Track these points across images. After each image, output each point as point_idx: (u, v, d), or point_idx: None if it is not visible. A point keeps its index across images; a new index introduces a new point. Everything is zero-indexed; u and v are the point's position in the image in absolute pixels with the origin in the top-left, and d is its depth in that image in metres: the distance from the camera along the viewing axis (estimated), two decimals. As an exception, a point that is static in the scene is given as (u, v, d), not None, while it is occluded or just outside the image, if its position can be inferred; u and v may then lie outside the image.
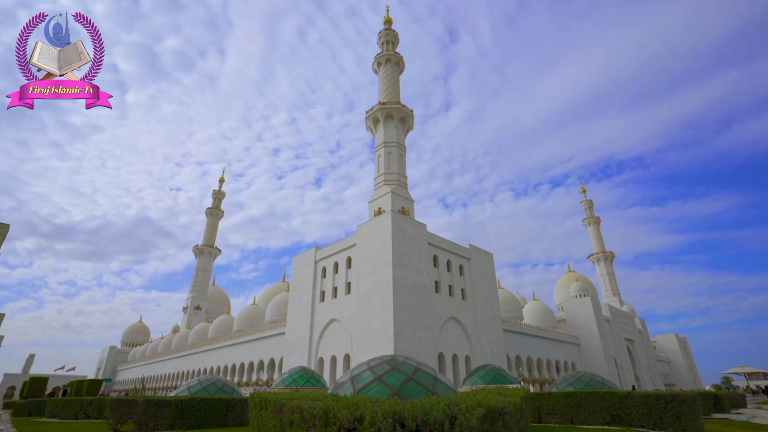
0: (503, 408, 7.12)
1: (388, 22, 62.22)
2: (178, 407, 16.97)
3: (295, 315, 46.11)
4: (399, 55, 58.92)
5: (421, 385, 10.12)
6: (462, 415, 6.23)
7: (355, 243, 40.97)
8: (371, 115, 53.64)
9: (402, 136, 53.12)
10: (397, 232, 37.15)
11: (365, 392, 9.89)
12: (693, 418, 15.00)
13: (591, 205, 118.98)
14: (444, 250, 43.16)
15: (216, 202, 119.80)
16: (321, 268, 45.40)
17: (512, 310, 63.88)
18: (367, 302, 36.40)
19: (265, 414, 8.88)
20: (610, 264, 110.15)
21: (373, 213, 46.47)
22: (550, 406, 18.92)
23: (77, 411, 27.60)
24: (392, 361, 11.29)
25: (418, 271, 37.90)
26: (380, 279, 35.89)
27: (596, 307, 68.49)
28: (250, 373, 55.49)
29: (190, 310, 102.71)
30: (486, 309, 45.55)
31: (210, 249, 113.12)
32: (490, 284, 48.08)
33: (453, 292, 42.33)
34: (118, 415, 17.12)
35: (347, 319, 38.75)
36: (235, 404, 18.58)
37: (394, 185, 47.93)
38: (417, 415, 6.08)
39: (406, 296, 35.40)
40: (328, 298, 42.61)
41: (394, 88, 56.59)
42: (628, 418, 16.49)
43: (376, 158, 51.81)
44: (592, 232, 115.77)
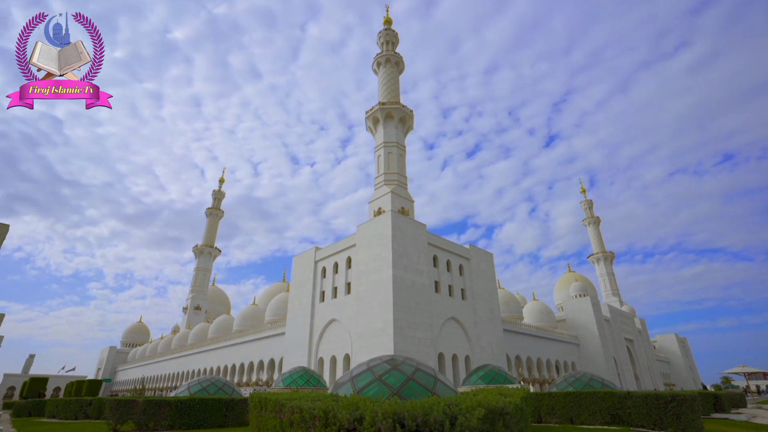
0: (503, 408, 7.12)
1: (388, 22, 62.17)
2: (177, 407, 16.96)
3: (295, 315, 46.10)
4: (399, 55, 58.90)
5: (421, 385, 10.12)
6: (462, 416, 6.23)
7: (354, 243, 40.96)
8: (371, 115, 53.65)
9: (402, 136, 53.13)
10: (396, 232, 37.14)
11: (365, 392, 9.88)
12: (693, 418, 15.00)
13: (591, 205, 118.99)
14: (444, 250, 43.16)
15: (216, 202, 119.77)
16: (321, 268, 45.39)
17: (512, 310, 63.92)
18: (367, 302, 36.39)
19: (265, 414, 8.88)
20: (609, 264, 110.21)
21: (373, 213, 46.48)
22: (550, 406, 18.91)
23: (77, 411, 27.60)
24: (392, 361, 11.29)
25: (418, 271, 37.89)
26: (380, 279, 35.89)
27: (596, 307, 68.48)
28: (250, 374, 55.47)
29: (189, 311, 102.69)
30: (486, 309, 45.55)
31: (210, 249, 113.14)
32: (489, 284, 48.09)
33: (453, 292, 42.32)
34: (117, 415, 17.11)
35: (347, 319, 38.74)
36: (235, 404, 18.56)
37: (393, 185, 47.94)
38: (417, 415, 6.08)
39: (405, 296, 35.39)
40: (328, 298, 42.60)
41: (394, 88, 56.57)
42: (627, 418, 16.49)
43: (375, 158, 51.82)
44: (592, 232, 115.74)
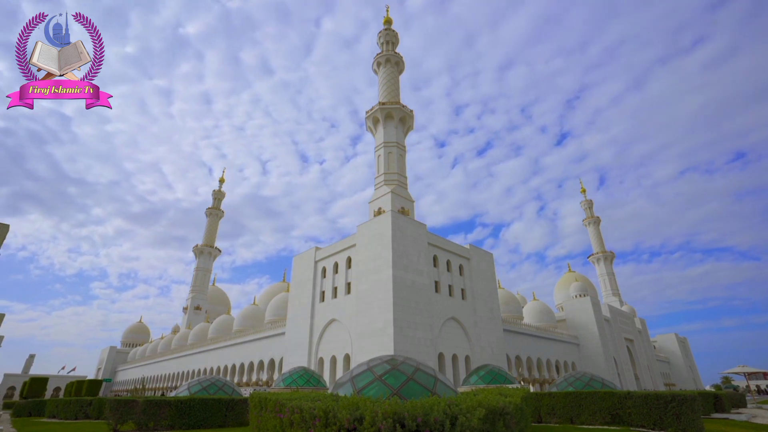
0: (504, 408, 7.12)
1: (388, 22, 62.17)
2: (178, 407, 16.95)
3: (295, 315, 46.09)
4: (399, 55, 58.90)
5: (421, 385, 10.11)
6: (463, 416, 6.23)
7: (354, 243, 40.95)
8: (371, 116, 53.64)
9: (402, 136, 53.13)
10: (397, 232, 37.13)
11: (365, 392, 9.88)
12: (693, 418, 14.99)
13: (591, 205, 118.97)
14: (444, 250, 43.15)
15: (216, 202, 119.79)
16: (321, 268, 45.38)
17: (512, 310, 63.91)
18: (367, 302, 36.38)
19: (265, 414, 8.88)
20: (609, 264, 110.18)
21: (373, 213, 46.48)
22: (550, 406, 18.90)
23: (77, 411, 27.58)
24: (392, 361, 11.28)
25: (418, 271, 37.88)
26: (380, 279, 35.88)
27: (596, 307, 68.47)
28: (250, 374, 55.46)
29: (190, 311, 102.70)
30: (486, 309, 45.54)
31: (210, 249, 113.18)
32: (489, 284, 48.08)
33: (453, 292, 42.31)
34: (118, 415, 17.10)
35: (347, 319, 38.73)
36: (235, 404, 18.55)
37: (394, 185, 47.94)
38: (417, 415, 6.08)
39: (405, 296, 35.38)
40: (328, 298, 42.59)
41: (394, 88, 56.57)
42: (628, 418, 16.49)
43: (375, 158, 51.82)
44: (592, 231, 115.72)
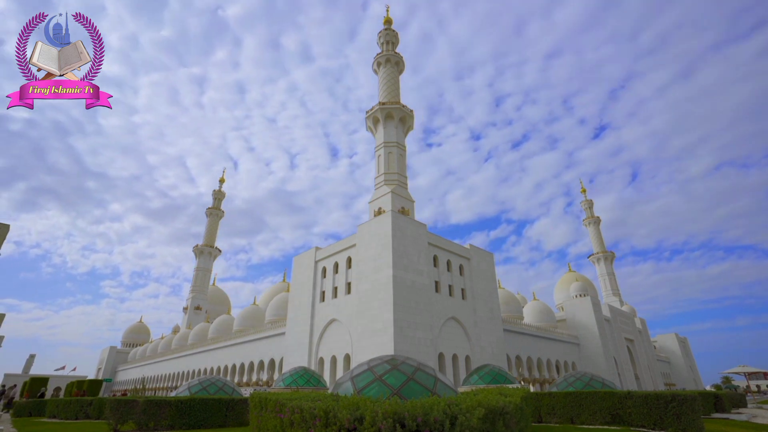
0: (504, 408, 7.12)
1: (388, 22, 62.18)
2: (178, 407, 16.93)
3: (295, 315, 46.10)
4: (399, 55, 58.91)
5: (421, 385, 10.11)
6: (462, 415, 6.23)
7: (355, 243, 40.96)
8: (371, 115, 53.66)
9: (402, 136, 53.14)
10: (397, 232, 37.14)
11: (365, 392, 9.88)
12: (693, 418, 14.98)
13: (591, 205, 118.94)
14: (444, 250, 43.15)
15: (216, 203, 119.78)
16: (321, 268, 45.39)
17: (512, 310, 63.87)
18: (367, 302, 36.39)
19: (265, 414, 8.88)
20: (610, 264, 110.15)
21: (373, 213, 46.48)
22: (550, 406, 18.90)
23: (77, 411, 27.55)
24: (392, 361, 11.28)
25: (418, 271, 37.89)
26: (380, 279, 35.88)
27: (596, 307, 68.47)
28: (250, 373, 55.47)
29: (190, 311, 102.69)
30: (486, 309, 45.54)
31: (210, 249, 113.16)
32: (489, 284, 48.08)
33: (453, 292, 42.32)
34: (118, 415, 17.09)
35: (347, 319, 38.73)
36: (235, 404, 18.53)
37: (394, 185, 47.95)
38: (417, 415, 6.08)
39: (405, 296, 35.39)
40: (328, 299, 42.60)
41: (394, 88, 56.58)
42: (628, 418, 16.48)
43: (375, 158, 51.84)
44: (592, 231, 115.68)
